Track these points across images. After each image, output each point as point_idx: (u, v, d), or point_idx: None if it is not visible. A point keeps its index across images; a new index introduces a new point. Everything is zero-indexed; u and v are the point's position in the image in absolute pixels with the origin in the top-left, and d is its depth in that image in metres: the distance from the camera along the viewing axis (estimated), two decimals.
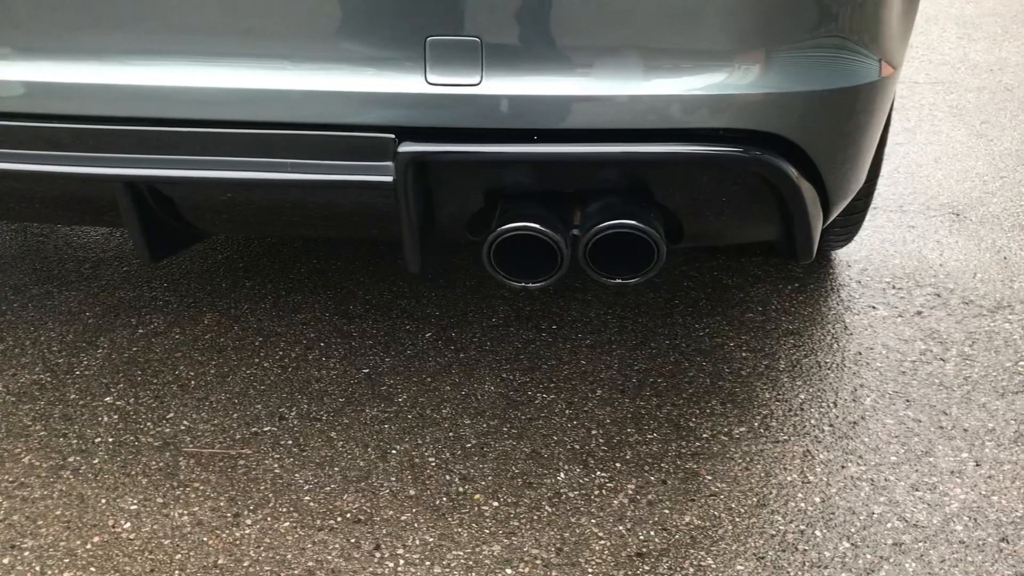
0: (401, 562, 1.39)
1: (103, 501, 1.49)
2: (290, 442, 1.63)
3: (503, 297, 2.12)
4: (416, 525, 1.46)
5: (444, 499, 1.51)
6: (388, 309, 2.06)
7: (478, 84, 1.19)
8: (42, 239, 2.34)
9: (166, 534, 1.43)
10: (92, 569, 1.36)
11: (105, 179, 1.21)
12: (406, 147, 1.19)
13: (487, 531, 1.45)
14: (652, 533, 1.45)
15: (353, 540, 1.43)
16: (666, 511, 1.50)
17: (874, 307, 2.10)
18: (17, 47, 1.23)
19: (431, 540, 1.43)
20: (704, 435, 1.68)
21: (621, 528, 1.46)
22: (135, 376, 1.80)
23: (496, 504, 1.50)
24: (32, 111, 1.22)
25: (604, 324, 2.01)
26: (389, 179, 1.21)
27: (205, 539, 1.42)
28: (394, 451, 1.62)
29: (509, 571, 1.38)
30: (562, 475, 1.57)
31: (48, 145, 1.22)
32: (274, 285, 2.15)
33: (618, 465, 1.60)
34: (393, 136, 1.21)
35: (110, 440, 1.63)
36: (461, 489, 1.53)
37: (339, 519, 1.47)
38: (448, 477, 1.56)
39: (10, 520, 1.45)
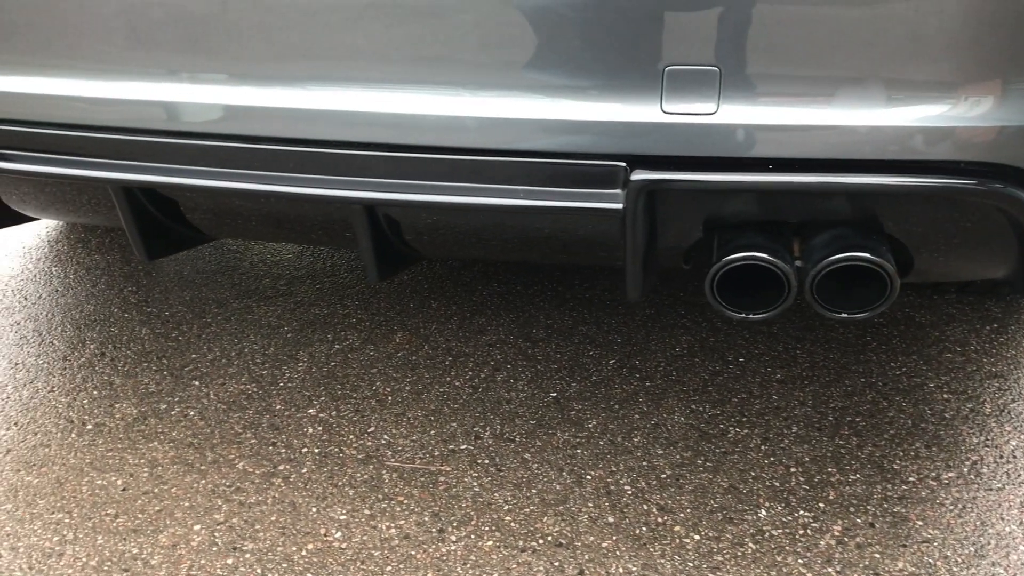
0: None
1: (314, 510, 1.55)
2: (487, 461, 1.66)
3: (684, 327, 2.10)
4: (618, 553, 1.45)
5: (644, 528, 1.50)
6: (570, 334, 2.07)
7: (714, 113, 1.18)
8: (239, 256, 2.47)
9: (375, 545, 1.47)
10: (309, 575, 1.41)
11: (349, 202, 1.27)
12: (639, 175, 1.19)
13: (691, 564, 1.43)
14: None
15: (557, 564, 1.43)
16: (876, 555, 1.44)
17: None
18: (259, 76, 1.30)
19: (634, 569, 1.42)
20: (910, 478, 1.61)
21: (830, 570, 1.41)
22: (335, 390, 1.87)
23: (697, 537, 1.48)
24: (282, 136, 1.29)
25: (794, 359, 1.97)
26: (619, 206, 1.22)
27: (413, 553, 1.45)
28: (589, 476, 1.62)
29: None
30: (763, 512, 1.53)
31: (296, 168, 1.29)
32: (458, 307, 2.19)
33: (821, 505, 1.55)
34: (624, 164, 1.22)
35: (316, 451, 1.69)
36: (660, 520, 1.52)
37: (541, 541, 1.47)
38: (646, 507, 1.55)
39: (230, 523, 1.52)
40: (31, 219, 1.80)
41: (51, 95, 1.36)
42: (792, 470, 1.63)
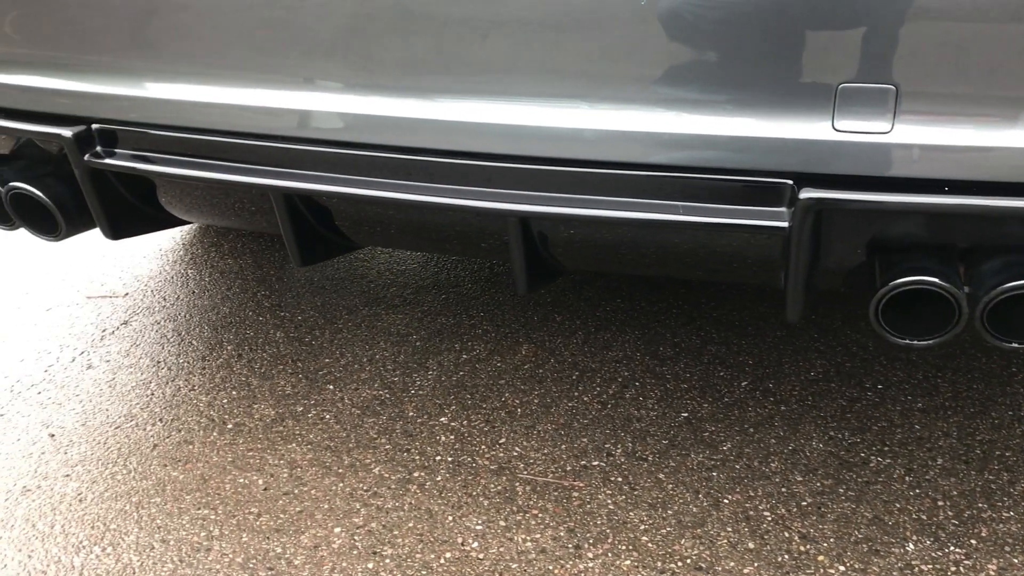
0: None
1: (449, 518, 1.55)
2: (620, 479, 1.64)
3: (818, 350, 2.04)
4: None
5: (786, 556, 1.46)
6: (699, 354, 2.04)
7: (889, 132, 1.15)
8: (366, 264, 2.51)
9: (512, 558, 1.46)
10: None
11: (508, 214, 1.28)
12: (807, 193, 1.17)
13: None
14: None
15: None
16: None
17: None
18: (421, 89, 1.32)
19: None
20: None
21: None
22: (465, 399, 1.88)
23: (843, 568, 1.43)
24: (443, 148, 1.31)
25: (935, 388, 1.89)
26: (784, 224, 1.20)
27: (550, 567, 1.44)
28: (726, 500, 1.59)
29: None
30: (911, 546, 1.48)
31: (455, 179, 1.30)
32: (583, 321, 2.19)
33: (973, 542, 1.48)
34: (791, 182, 1.19)
35: (449, 459, 1.70)
36: (802, 548, 1.48)
37: (679, 563, 1.45)
38: (787, 534, 1.51)
39: (369, 527, 1.54)
40: (175, 224, 1.86)
41: (221, 104, 1.41)
42: (939, 503, 1.57)
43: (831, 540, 1.49)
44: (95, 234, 2.07)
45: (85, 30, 1.48)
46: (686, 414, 1.83)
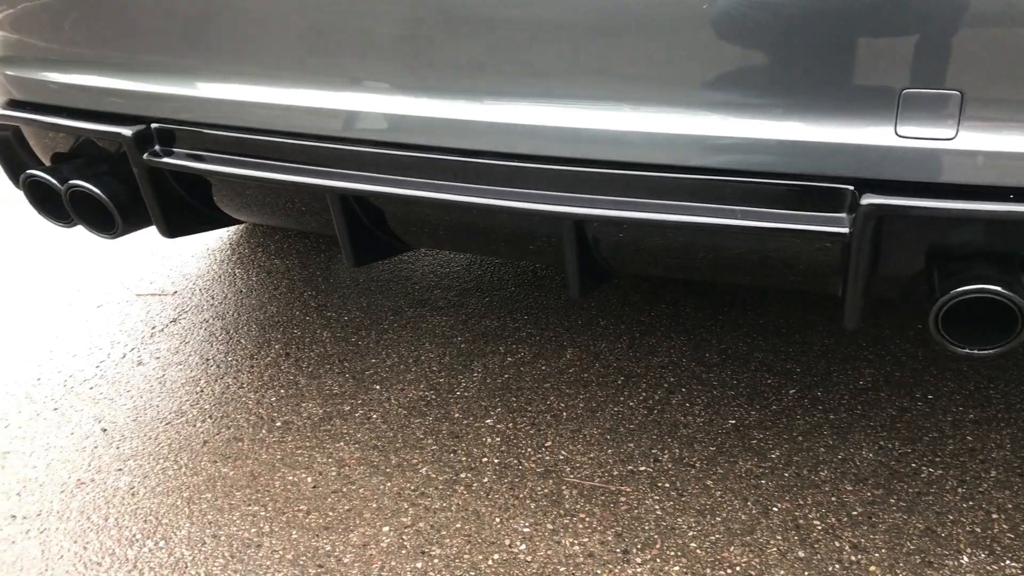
0: None
1: (497, 520, 1.56)
2: (667, 485, 1.64)
3: (867, 359, 2.02)
4: None
5: (837, 566, 1.45)
6: (746, 361, 2.03)
7: (953, 138, 1.14)
8: (411, 266, 2.53)
9: (561, 561, 1.46)
10: None
11: (563, 217, 1.28)
12: (869, 199, 1.16)
13: None
14: None
15: None
16: None
17: None
18: (476, 91, 1.33)
19: None
20: None
21: None
22: (510, 402, 1.88)
23: None
24: (499, 151, 1.31)
25: (987, 399, 1.87)
26: (844, 231, 1.19)
27: (599, 572, 1.44)
28: (775, 508, 1.57)
29: None
30: (965, 559, 1.46)
31: (508, 182, 1.31)
32: (627, 326, 2.18)
33: None
34: (852, 188, 1.18)
35: (496, 461, 1.70)
36: (854, 558, 1.46)
37: (728, 571, 1.44)
38: (838, 544, 1.49)
39: (417, 527, 1.54)
40: (230, 223, 1.89)
41: (279, 104, 1.43)
42: (994, 516, 1.54)
43: (883, 551, 1.47)
44: (144, 233, 2.10)
45: (144, 31, 1.51)
46: (733, 421, 1.82)
